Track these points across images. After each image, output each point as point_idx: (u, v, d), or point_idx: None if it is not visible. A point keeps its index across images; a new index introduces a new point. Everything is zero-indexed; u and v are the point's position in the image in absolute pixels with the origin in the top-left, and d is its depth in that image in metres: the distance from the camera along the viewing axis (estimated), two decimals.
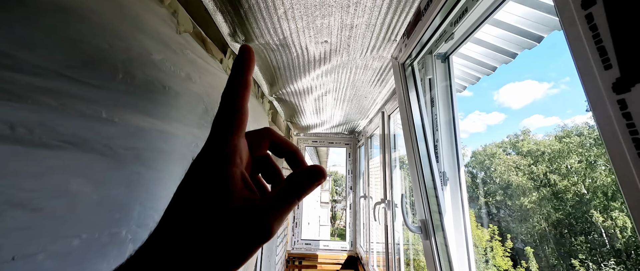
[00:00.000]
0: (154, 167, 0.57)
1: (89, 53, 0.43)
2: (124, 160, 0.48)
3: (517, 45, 1.03)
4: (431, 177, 0.89)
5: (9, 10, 0.32)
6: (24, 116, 0.34)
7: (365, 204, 2.69)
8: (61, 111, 0.38)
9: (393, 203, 1.75)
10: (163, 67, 0.62)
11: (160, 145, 0.59)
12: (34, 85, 0.35)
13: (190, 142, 0.72)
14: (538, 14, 0.88)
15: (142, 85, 0.54)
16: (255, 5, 0.92)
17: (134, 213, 0.51)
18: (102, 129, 0.44)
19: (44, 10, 0.37)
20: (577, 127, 21.59)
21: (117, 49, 0.49)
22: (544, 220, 19.85)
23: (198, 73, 0.81)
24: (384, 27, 1.02)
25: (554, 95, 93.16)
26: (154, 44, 0.60)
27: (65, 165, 0.39)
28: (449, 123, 0.97)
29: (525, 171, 21.45)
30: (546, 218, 19.68)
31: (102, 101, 0.44)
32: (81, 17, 0.41)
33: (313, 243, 3.12)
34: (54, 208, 0.37)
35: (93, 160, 0.42)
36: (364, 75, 1.56)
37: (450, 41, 0.92)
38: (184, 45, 0.75)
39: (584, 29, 0.28)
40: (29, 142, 0.34)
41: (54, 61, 0.37)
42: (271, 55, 1.31)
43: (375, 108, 2.12)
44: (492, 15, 0.78)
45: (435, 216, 0.84)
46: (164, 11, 0.67)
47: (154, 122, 0.56)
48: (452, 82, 1.00)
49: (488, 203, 24.31)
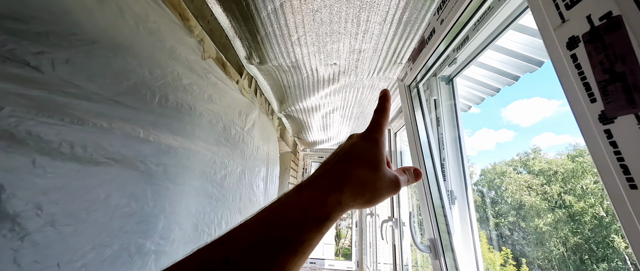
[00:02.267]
0: (178, 182, 0.61)
1: (134, 80, 0.49)
2: (155, 176, 0.52)
3: (520, 69, 1.08)
4: (439, 195, 0.90)
5: (83, 49, 0.39)
6: (82, 137, 0.39)
7: (372, 222, 2.64)
8: (110, 131, 0.43)
9: (401, 222, 1.73)
10: (191, 90, 0.69)
11: (184, 162, 0.64)
12: (92, 110, 0.40)
13: (209, 159, 0.77)
14: (538, 41, 0.93)
15: (173, 107, 0.60)
16: (271, 32, 1.01)
17: (159, 225, 0.55)
18: (140, 147, 0.49)
19: (103, 45, 0.44)
20: None
21: (156, 76, 0.55)
22: (561, 244, 18.73)
23: (218, 95, 0.88)
24: (390, 51, 1.09)
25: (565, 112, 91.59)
26: (184, 70, 0.67)
27: (109, 179, 0.43)
28: (454, 142, 1.00)
29: (538, 191, 20.66)
30: (564, 242, 18.58)
31: (141, 122, 0.50)
32: (131, 50, 0.48)
33: (318, 262, 3.04)
34: (95, 219, 0.42)
35: (131, 175, 0.47)
36: (370, 94, 1.62)
37: (453, 65, 0.98)
38: (207, 70, 0.83)
39: (570, 67, 0.32)
40: (83, 159, 0.40)
41: (108, 89, 0.43)
42: (282, 76, 1.39)
43: None
44: (493, 41, 0.83)
45: (444, 235, 0.84)
46: (193, 41, 0.75)
47: (181, 140, 0.62)
48: (456, 102, 1.04)
49: (500, 224, 23.23)
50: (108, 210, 0.43)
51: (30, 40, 0.33)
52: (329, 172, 0.26)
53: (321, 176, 0.26)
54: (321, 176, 0.26)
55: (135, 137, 0.49)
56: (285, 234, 0.22)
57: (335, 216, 0.24)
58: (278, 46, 1.09)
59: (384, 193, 0.28)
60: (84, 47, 0.40)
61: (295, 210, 0.23)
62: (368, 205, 0.27)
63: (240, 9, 0.88)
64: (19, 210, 0.32)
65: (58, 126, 0.36)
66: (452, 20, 0.65)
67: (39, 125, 0.34)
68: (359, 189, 0.26)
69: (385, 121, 0.32)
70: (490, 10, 0.67)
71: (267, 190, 1.26)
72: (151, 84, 0.54)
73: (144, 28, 0.52)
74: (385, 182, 0.28)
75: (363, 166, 0.27)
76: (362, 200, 0.26)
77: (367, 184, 0.27)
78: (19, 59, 0.32)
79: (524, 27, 0.90)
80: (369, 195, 0.27)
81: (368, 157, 0.28)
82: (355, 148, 0.29)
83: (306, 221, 0.22)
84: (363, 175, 0.27)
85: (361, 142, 0.29)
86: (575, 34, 0.32)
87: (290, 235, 0.22)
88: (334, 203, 0.24)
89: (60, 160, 0.36)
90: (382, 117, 0.32)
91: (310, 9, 0.86)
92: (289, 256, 0.21)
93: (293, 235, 0.22)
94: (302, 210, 0.23)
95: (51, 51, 0.35)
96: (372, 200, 0.27)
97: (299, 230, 0.22)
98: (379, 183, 0.27)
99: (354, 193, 0.25)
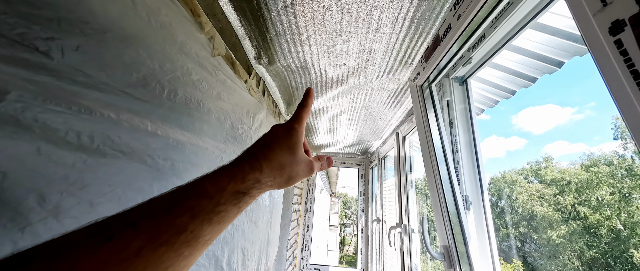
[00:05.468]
0: (185, 178, 0.60)
1: (144, 73, 0.48)
2: (162, 170, 0.51)
3: (537, 70, 1.03)
4: (454, 200, 0.86)
5: (95, 37, 0.38)
6: (90, 127, 0.38)
7: (378, 228, 2.58)
8: (118, 123, 0.42)
9: (410, 228, 1.67)
10: (200, 86, 0.68)
11: (192, 158, 0.62)
12: (101, 100, 0.39)
13: (217, 156, 0.76)
14: (557, 41, 0.89)
15: (182, 102, 0.59)
16: (281, 31, 1.00)
17: None
18: (148, 141, 0.48)
19: (115, 35, 0.43)
20: (604, 155, 20.22)
21: (166, 70, 0.54)
22: (576, 257, 17.90)
23: (227, 93, 0.87)
24: (401, 51, 1.06)
25: (579, 120, 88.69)
26: (194, 65, 0.67)
27: (115, 172, 0.42)
28: (469, 145, 0.96)
29: (550, 201, 19.92)
30: (579, 255, 17.75)
31: (150, 115, 0.49)
32: (144, 43, 0.48)
33: (322, 268, 2.97)
34: (99, 212, 0.40)
35: (138, 169, 0.46)
36: (379, 97, 1.60)
37: (468, 65, 0.94)
38: (217, 67, 0.82)
39: (614, 54, 0.29)
40: (89, 149, 0.38)
41: (118, 80, 0.43)
42: (291, 77, 1.39)
43: (389, 129, 2.12)
44: (510, 41, 0.80)
45: (459, 242, 0.80)
46: (203, 37, 0.75)
47: (190, 136, 0.60)
48: (471, 104, 1.00)
49: (511, 235, 22.43)
50: (113, 204, 0.42)
51: (41, 25, 0.33)
52: (251, 155, 0.30)
53: (243, 158, 0.29)
54: (243, 158, 0.29)
55: (143, 130, 0.47)
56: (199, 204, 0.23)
57: (254, 192, 0.28)
58: (287, 46, 1.08)
59: (300, 174, 0.33)
60: (96, 36, 0.40)
61: (212, 184, 0.25)
62: (286, 185, 0.32)
63: (250, 7, 0.87)
64: (22, 199, 0.30)
65: (65, 114, 0.35)
66: (470, 15, 0.63)
67: (45, 112, 0.33)
68: (277, 170, 0.30)
69: (306, 114, 0.37)
70: (509, 5, 0.65)
71: (272, 191, 1.23)
72: (161, 77, 0.53)
73: (155, 21, 0.51)
74: (301, 165, 0.33)
75: (282, 150, 0.31)
76: (281, 179, 0.31)
77: (285, 166, 0.31)
78: (28, 44, 0.31)
79: (543, 26, 0.87)
80: (287, 175, 0.31)
81: (287, 142, 0.32)
82: (276, 136, 0.33)
83: (223, 194, 0.25)
84: (281, 158, 0.31)
85: (283, 130, 0.33)
86: (620, 17, 0.29)
87: (206, 205, 0.23)
88: (252, 180, 0.27)
89: (67, 149, 0.35)
90: (303, 110, 0.37)
91: (321, 7, 0.85)
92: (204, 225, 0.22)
93: (208, 206, 0.23)
94: (219, 184, 0.25)
95: (61, 37, 0.35)
96: (290, 180, 0.32)
97: (214, 201, 0.24)
98: (295, 165, 0.32)
99: (272, 174, 0.29)
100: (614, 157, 19.61)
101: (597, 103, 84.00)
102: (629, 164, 18.26)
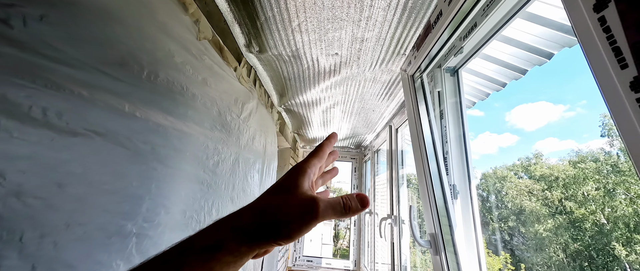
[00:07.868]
0: (168, 164, 0.58)
1: (120, 51, 0.46)
2: (142, 154, 0.49)
3: (527, 61, 1.04)
4: (441, 189, 0.87)
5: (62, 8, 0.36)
6: (58, 104, 0.36)
7: (371, 221, 2.61)
8: (91, 102, 0.40)
9: (400, 219, 1.69)
10: (183, 70, 0.66)
11: (175, 143, 0.60)
12: (72, 76, 0.37)
13: (202, 143, 0.74)
14: (548, 31, 0.89)
15: (163, 85, 0.57)
16: (271, 18, 0.97)
17: (143, 206, 0.52)
18: (126, 123, 0.46)
19: (86, 7, 0.40)
20: (592, 152, 20.84)
21: (145, 50, 0.52)
22: (561, 250, 18.60)
23: (214, 79, 0.85)
24: (393, 40, 1.05)
25: (570, 118, 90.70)
26: (177, 47, 0.64)
27: (88, 152, 0.40)
28: (459, 137, 0.96)
29: (538, 196, 20.53)
30: (564, 248, 18.45)
31: (127, 96, 0.47)
32: (119, 18, 0.45)
33: (315, 260, 3.00)
34: (70, 194, 0.38)
35: (114, 151, 0.44)
36: (372, 88, 1.59)
37: (459, 55, 0.94)
38: (202, 51, 0.80)
39: (597, 31, 0.29)
40: (57, 127, 0.36)
41: (92, 56, 0.40)
42: (283, 67, 1.36)
43: (382, 122, 2.13)
44: (500, 31, 0.80)
45: (445, 229, 0.81)
46: (188, 19, 0.72)
47: (172, 120, 0.58)
48: (461, 96, 1.00)
49: (499, 229, 23.11)
50: (86, 186, 0.40)
51: None
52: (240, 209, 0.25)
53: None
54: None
55: (120, 110, 0.45)
56: None
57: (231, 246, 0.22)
58: (278, 32, 1.06)
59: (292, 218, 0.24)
60: (62, 7, 0.37)
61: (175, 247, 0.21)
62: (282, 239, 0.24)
63: None
64: None
65: (29, 88, 0.33)
66: (461, 0, 0.62)
67: (5, 85, 0.31)
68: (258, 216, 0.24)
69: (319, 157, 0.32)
70: None
71: (262, 182, 1.22)
72: (140, 57, 0.50)
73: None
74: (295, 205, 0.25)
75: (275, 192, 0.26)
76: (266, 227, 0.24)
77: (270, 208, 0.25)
78: None
79: (533, 16, 0.86)
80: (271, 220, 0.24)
81: (284, 183, 0.27)
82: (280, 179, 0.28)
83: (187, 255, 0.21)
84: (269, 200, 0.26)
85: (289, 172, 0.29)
86: None
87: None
88: (226, 230, 0.23)
89: (31, 125, 0.33)
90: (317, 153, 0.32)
91: None
92: None
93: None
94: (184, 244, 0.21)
95: (22, 5, 0.32)
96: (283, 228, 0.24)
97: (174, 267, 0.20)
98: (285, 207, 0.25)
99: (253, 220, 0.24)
100: (601, 153, 20.23)
101: (588, 101, 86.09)
102: (614, 161, 18.86)
